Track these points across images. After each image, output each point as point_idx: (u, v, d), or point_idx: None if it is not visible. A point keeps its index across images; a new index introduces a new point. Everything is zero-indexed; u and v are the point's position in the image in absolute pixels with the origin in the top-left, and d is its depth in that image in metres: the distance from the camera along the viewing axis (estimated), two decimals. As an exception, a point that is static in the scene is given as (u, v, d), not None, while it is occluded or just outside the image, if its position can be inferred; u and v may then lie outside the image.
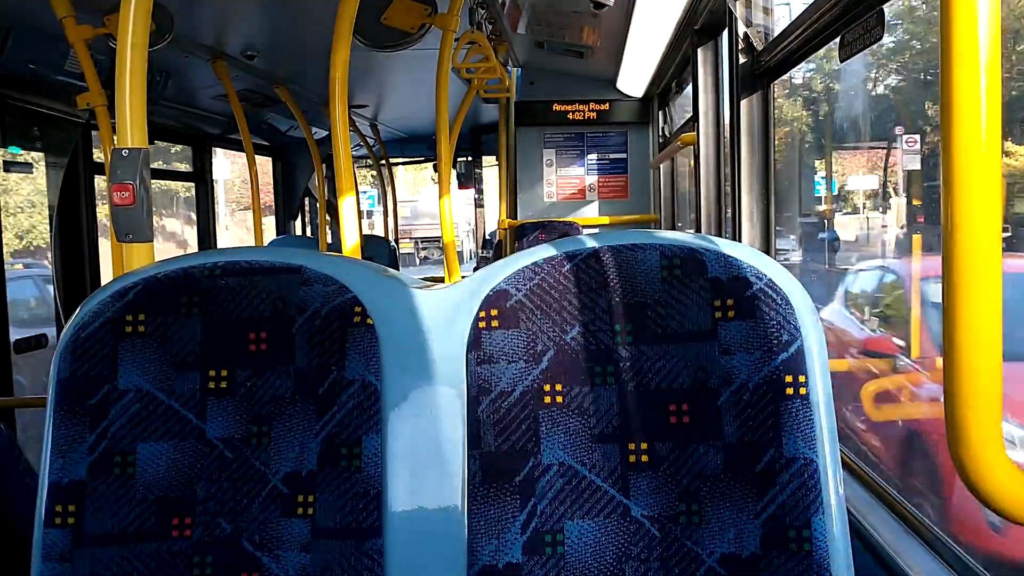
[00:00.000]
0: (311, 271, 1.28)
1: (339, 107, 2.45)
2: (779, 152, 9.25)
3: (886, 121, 8.17)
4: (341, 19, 2.46)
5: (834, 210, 9.04)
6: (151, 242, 1.68)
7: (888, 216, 7.56)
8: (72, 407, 1.24)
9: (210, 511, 1.24)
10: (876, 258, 7.14)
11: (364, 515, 1.21)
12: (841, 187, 9.04)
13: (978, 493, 0.94)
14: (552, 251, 1.25)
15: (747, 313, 1.18)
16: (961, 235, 0.91)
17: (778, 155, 7.69)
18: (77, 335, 1.25)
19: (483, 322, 1.23)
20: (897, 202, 7.21)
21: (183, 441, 1.25)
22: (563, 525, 1.20)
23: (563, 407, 1.21)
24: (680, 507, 1.19)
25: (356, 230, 2.54)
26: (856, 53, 2.02)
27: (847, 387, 4.55)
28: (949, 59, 0.91)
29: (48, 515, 1.22)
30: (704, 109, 3.75)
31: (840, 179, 9.11)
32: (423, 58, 3.95)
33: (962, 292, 0.92)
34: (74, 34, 3.17)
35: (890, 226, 7.36)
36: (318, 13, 3.68)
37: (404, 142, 9.61)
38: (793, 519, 1.15)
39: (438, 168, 4.09)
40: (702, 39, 3.75)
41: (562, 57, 5.77)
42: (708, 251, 1.21)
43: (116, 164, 1.64)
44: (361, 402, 1.24)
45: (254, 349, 1.26)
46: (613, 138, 6.65)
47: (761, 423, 1.17)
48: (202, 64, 4.51)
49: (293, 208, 8.42)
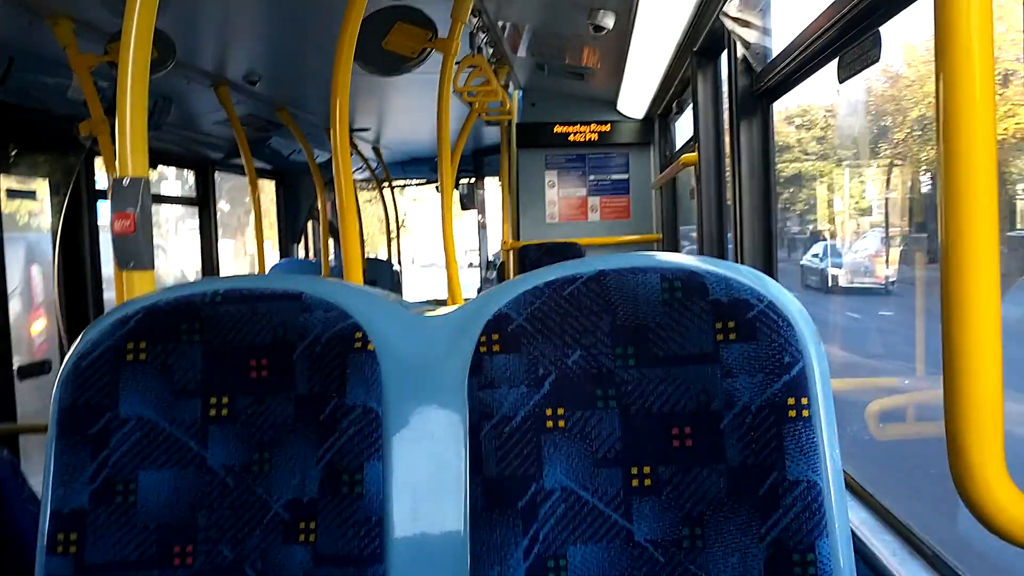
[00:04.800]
0: (311, 297, 1.28)
1: (340, 131, 2.46)
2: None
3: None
4: (342, 44, 2.48)
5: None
6: (152, 270, 1.68)
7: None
8: (73, 435, 1.24)
9: (212, 539, 1.24)
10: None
11: (366, 542, 1.21)
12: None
13: (978, 514, 0.94)
14: (553, 275, 1.25)
15: (749, 335, 1.18)
16: (959, 257, 0.91)
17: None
18: (78, 363, 1.25)
19: (484, 347, 1.23)
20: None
21: (184, 469, 1.25)
22: (566, 550, 1.19)
23: (565, 431, 1.21)
24: (684, 531, 1.18)
25: (359, 253, 2.54)
26: (854, 74, 2.03)
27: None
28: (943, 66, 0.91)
29: (50, 543, 1.22)
30: (704, 130, 3.76)
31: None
32: (424, 81, 3.97)
33: (960, 312, 0.92)
34: (76, 62, 3.20)
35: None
36: (319, 38, 3.70)
37: (406, 164, 9.65)
38: (797, 543, 1.14)
39: (440, 190, 4.10)
40: (702, 61, 3.76)
41: (563, 79, 5.79)
42: (709, 273, 1.21)
43: (117, 192, 1.64)
44: (362, 428, 1.23)
45: (255, 376, 1.26)
46: (614, 159, 6.66)
47: (764, 446, 1.16)
48: (204, 89, 4.53)
49: (296, 231, 8.44)
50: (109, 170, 3.51)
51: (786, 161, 10.10)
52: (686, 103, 5.09)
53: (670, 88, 5.15)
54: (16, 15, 3.07)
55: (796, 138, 10.24)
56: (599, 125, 6.53)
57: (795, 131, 10.18)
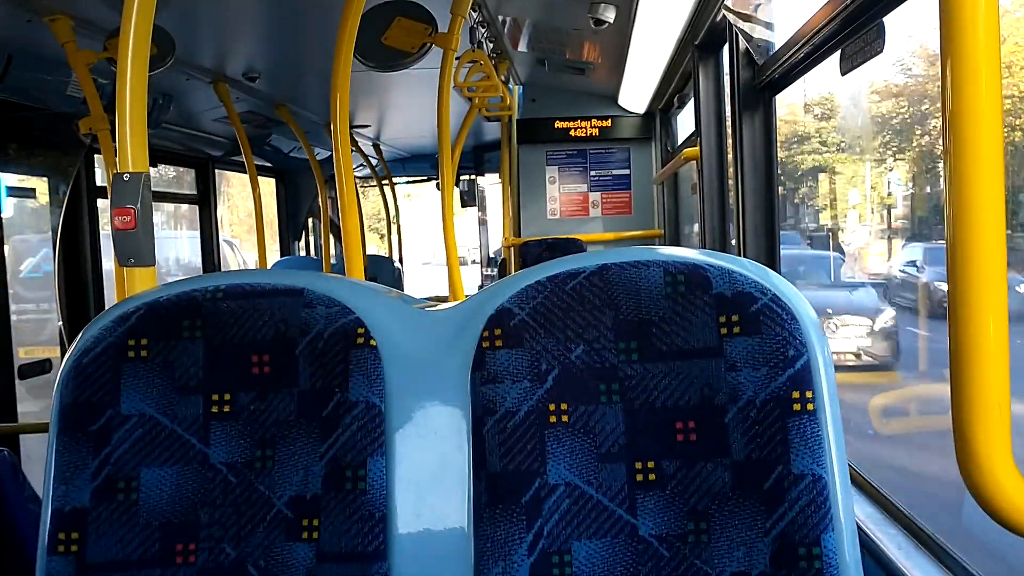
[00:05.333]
0: (313, 293, 1.27)
1: (341, 127, 2.46)
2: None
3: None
4: (341, 40, 2.47)
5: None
6: (153, 266, 1.68)
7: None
8: (75, 433, 1.24)
9: (214, 536, 1.23)
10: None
11: (369, 538, 1.20)
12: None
13: (986, 506, 0.93)
14: (555, 269, 1.24)
15: (752, 329, 1.17)
16: (965, 249, 0.91)
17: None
18: (79, 361, 1.25)
19: (487, 342, 1.22)
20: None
21: (187, 466, 1.25)
22: (570, 546, 1.19)
23: (569, 426, 1.20)
24: (688, 526, 1.18)
25: (360, 250, 2.54)
26: (857, 67, 2.02)
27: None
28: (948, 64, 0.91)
29: (51, 542, 1.22)
30: (706, 124, 3.75)
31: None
32: (424, 77, 3.96)
33: (967, 304, 0.92)
34: (76, 59, 3.19)
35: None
36: (319, 34, 3.69)
37: (406, 161, 9.64)
38: (803, 537, 1.14)
39: (441, 187, 4.10)
40: (703, 54, 3.75)
41: (563, 74, 5.79)
42: (712, 267, 1.20)
43: (117, 188, 1.64)
44: (365, 424, 1.23)
45: (257, 372, 1.26)
46: (616, 154, 6.66)
47: (769, 440, 1.16)
48: (204, 86, 4.53)
49: (297, 229, 8.44)
50: (109, 167, 3.50)
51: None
52: (687, 97, 5.08)
53: (671, 82, 5.14)
54: (15, 13, 3.07)
55: (885, 109, 8.57)
56: (600, 120, 6.52)
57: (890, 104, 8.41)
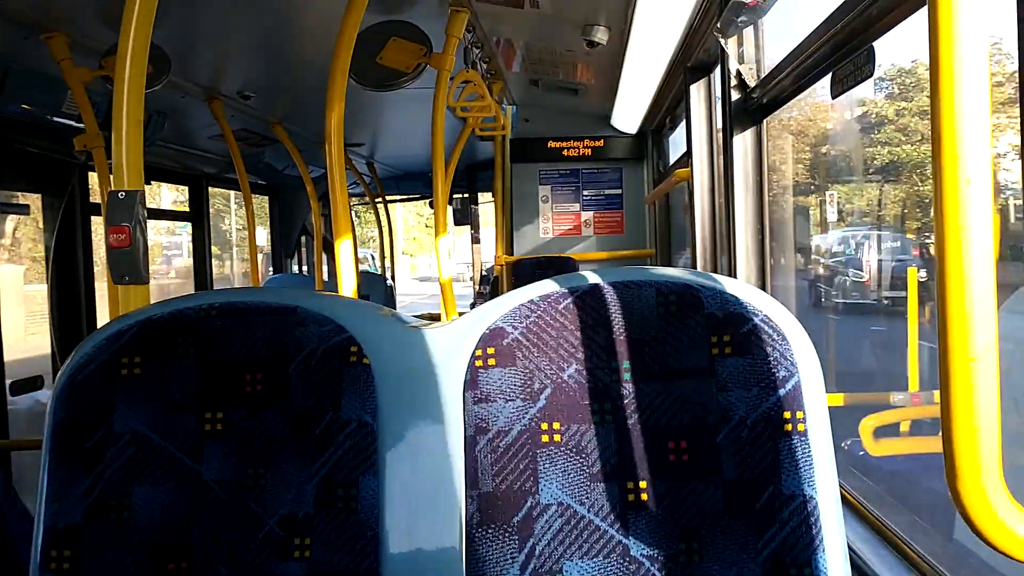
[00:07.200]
0: (306, 311, 1.28)
1: (335, 146, 2.47)
2: None
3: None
4: (337, 59, 2.48)
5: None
6: (147, 284, 1.68)
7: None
8: (68, 451, 1.23)
9: (207, 555, 1.23)
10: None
11: (361, 558, 1.20)
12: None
13: (976, 529, 0.93)
14: (548, 288, 1.25)
15: (744, 349, 1.18)
16: (955, 267, 0.91)
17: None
18: (73, 378, 1.25)
19: (480, 360, 1.22)
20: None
21: (179, 484, 1.24)
22: (562, 566, 1.19)
23: (561, 446, 1.20)
24: (680, 546, 1.18)
25: (353, 268, 2.54)
26: (848, 90, 2.04)
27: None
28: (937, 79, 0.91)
29: (43, 560, 1.21)
30: (698, 145, 3.77)
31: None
32: (418, 97, 3.97)
33: (957, 323, 0.92)
34: (72, 76, 3.19)
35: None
36: (314, 54, 3.71)
37: (400, 179, 9.65)
38: (794, 557, 1.14)
39: (434, 206, 4.10)
40: (695, 76, 3.77)
41: (556, 94, 5.80)
42: (704, 287, 1.21)
43: (112, 206, 1.64)
44: (357, 443, 1.23)
45: (250, 390, 1.26)
46: (608, 174, 6.67)
47: (760, 460, 1.16)
48: (199, 104, 4.53)
49: (289, 246, 8.43)
50: (104, 184, 3.50)
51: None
52: (679, 118, 5.10)
53: (663, 103, 5.16)
54: (11, 30, 3.07)
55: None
56: (592, 140, 6.54)
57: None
